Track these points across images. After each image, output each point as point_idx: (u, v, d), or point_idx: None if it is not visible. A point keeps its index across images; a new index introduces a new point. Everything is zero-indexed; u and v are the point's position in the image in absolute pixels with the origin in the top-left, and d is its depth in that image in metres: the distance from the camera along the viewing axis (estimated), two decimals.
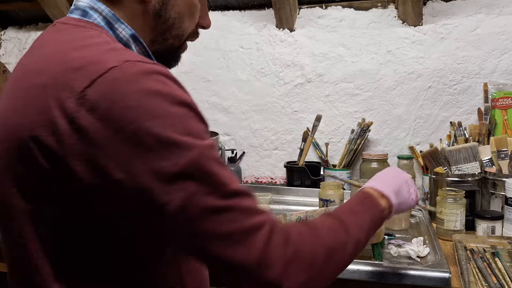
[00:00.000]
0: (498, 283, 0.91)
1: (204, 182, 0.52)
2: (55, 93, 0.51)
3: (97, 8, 0.62)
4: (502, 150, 1.36)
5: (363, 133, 1.67)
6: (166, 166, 0.50)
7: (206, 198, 0.51)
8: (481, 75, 1.62)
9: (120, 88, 0.50)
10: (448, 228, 1.20)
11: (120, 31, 0.63)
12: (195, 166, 0.51)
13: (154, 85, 0.51)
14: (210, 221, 0.51)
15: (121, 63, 0.52)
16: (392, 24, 1.70)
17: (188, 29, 0.71)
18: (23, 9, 2.01)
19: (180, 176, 0.50)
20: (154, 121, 0.50)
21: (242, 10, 1.86)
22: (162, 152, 0.50)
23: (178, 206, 0.50)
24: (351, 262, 0.65)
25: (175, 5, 0.67)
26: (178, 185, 0.50)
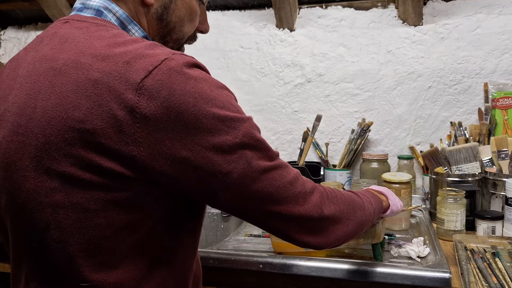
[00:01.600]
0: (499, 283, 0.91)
1: (256, 148, 0.61)
2: (109, 87, 0.54)
3: (111, 9, 0.65)
4: (503, 150, 1.36)
5: (363, 133, 1.67)
6: (227, 139, 0.58)
7: (261, 161, 0.61)
8: (482, 75, 1.62)
9: (176, 77, 0.55)
10: (449, 228, 1.20)
11: (133, 32, 0.67)
12: (248, 136, 0.61)
13: (200, 73, 0.58)
14: (267, 179, 0.62)
15: (169, 55, 0.57)
16: (392, 24, 1.70)
17: (188, 33, 0.75)
18: (23, 9, 2.01)
19: (239, 146, 0.59)
20: (209, 103, 0.57)
21: (242, 10, 1.86)
22: (222, 128, 0.58)
23: (241, 172, 0.59)
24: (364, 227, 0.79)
25: (176, 9, 0.70)
26: (238, 154, 0.59)
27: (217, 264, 1.04)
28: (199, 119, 0.56)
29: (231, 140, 0.58)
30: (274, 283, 1.04)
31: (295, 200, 0.65)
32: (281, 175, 0.64)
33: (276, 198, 0.63)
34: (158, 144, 0.54)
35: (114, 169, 0.54)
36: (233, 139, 0.58)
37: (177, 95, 0.54)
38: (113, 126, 0.53)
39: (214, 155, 0.57)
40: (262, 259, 1.02)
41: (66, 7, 1.92)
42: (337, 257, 1.05)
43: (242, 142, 0.59)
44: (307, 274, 0.99)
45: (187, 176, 0.57)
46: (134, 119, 0.53)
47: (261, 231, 1.27)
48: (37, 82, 0.58)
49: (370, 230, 1.01)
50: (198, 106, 0.55)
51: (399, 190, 1.35)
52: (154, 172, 0.56)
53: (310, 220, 0.67)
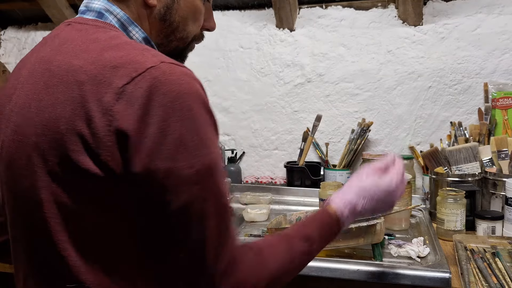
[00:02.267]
0: (498, 283, 0.91)
1: (208, 189, 0.56)
2: (93, 89, 0.55)
3: (112, 11, 0.66)
4: (503, 150, 1.36)
5: (363, 133, 1.67)
6: (182, 167, 0.54)
7: (206, 205, 0.56)
8: (482, 75, 1.62)
9: (157, 87, 0.54)
10: (448, 228, 1.20)
11: (133, 34, 0.67)
12: (206, 172, 0.56)
13: (186, 87, 0.56)
14: (202, 226, 0.56)
15: (157, 63, 0.56)
16: (393, 24, 1.70)
17: (193, 32, 0.75)
18: (23, 9, 2.01)
19: (191, 178, 0.54)
20: (182, 122, 0.54)
21: (242, 10, 1.85)
22: (183, 153, 0.54)
23: (180, 207, 0.54)
24: (292, 277, 0.69)
25: (179, 9, 0.70)
26: (186, 186, 0.54)
27: None
28: (166, 136, 0.53)
29: (184, 168, 0.54)
30: None
31: (209, 273, 0.57)
32: (220, 231, 0.57)
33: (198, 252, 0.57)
34: (130, 151, 0.54)
35: (94, 171, 0.55)
36: (187, 168, 0.54)
37: (155, 106, 0.53)
38: (90, 128, 0.54)
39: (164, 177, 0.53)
40: None
41: (66, 6, 1.92)
42: (337, 257, 1.05)
43: (195, 176, 0.55)
44: (307, 274, 0.99)
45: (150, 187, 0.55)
46: (107, 121, 0.53)
47: (261, 231, 1.27)
48: (34, 83, 0.60)
49: (370, 230, 1.01)
50: (169, 122, 0.53)
51: None
52: (127, 177, 0.55)
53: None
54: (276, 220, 1.17)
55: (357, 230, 1.01)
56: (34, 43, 2.05)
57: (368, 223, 1.00)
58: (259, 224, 1.37)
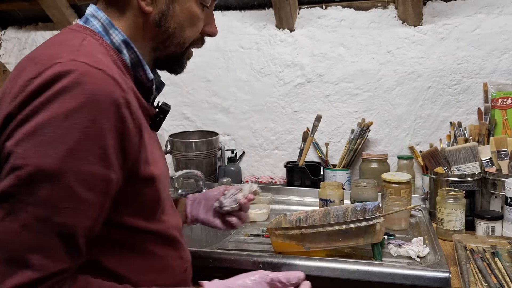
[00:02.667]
0: (498, 283, 0.91)
1: (29, 197, 0.55)
2: (13, 83, 0.59)
3: (97, 15, 0.69)
4: (502, 150, 1.36)
5: (363, 133, 1.67)
6: (21, 154, 0.55)
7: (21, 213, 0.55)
8: (481, 75, 1.62)
9: (53, 82, 0.56)
10: (448, 228, 1.20)
11: (113, 37, 0.69)
12: (40, 177, 0.54)
13: (82, 91, 0.56)
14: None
15: (65, 60, 0.57)
16: (392, 24, 1.70)
17: (190, 37, 0.76)
18: (23, 9, 2.01)
19: (22, 173, 0.54)
20: (50, 118, 0.55)
21: (242, 10, 1.86)
22: (36, 145, 0.55)
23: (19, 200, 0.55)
24: None
25: (174, 15, 0.72)
26: (13, 176, 0.55)
27: (217, 264, 1.04)
28: (29, 124, 0.55)
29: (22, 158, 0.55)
30: None
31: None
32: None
33: None
34: (10, 138, 0.56)
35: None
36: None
37: (39, 101, 0.55)
38: (8, 121, 0.57)
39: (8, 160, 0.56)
40: (262, 259, 1.03)
41: (66, 7, 1.92)
42: (337, 257, 1.06)
43: (34, 171, 0.54)
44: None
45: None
46: (17, 115, 0.56)
47: (261, 231, 1.27)
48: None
49: (370, 230, 1.01)
50: (39, 114, 0.55)
51: (399, 190, 1.35)
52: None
53: None
54: (276, 220, 1.17)
55: (357, 230, 1.01)
56: (34, 43, 2.05)
57: (368, 223, 1.01)
58: (259, 224, 1.37)
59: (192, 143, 1.75)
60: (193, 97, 1.92)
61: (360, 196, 1.34)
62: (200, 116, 1.92)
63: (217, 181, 1.73)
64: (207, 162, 1.77)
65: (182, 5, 0.72)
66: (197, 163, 1.74)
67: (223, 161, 1.84)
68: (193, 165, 1.73)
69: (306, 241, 1.05)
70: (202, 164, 1.76)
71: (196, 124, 1.93)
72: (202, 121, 1.92)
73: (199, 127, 1.92)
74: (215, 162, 1.81)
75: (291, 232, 1.04)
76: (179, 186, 1.63)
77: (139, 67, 0.71)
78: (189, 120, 1.94)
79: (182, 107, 1.93)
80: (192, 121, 1.93)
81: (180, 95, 1.92)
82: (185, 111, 1.93)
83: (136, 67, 0.71)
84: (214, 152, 1.80)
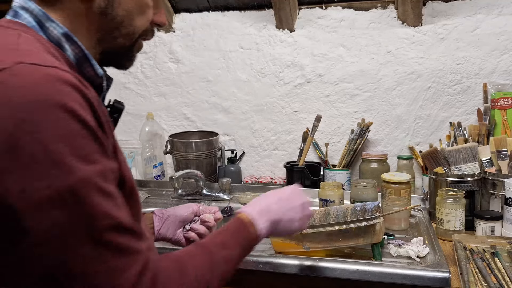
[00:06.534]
0: (498, 283, 0.91)
1: (76, 214, 0.47)
2: None
3: (27, 7, 0.60)
4: (502, 151, 1.37)
5: (363, 133, 1.68)
6: (37, 187, 0.45)
7: (74, 233, 0.47)
8: (481, 76, 1.62)
9: (3, 93, 0.47)
10: (448, 228, 1.20)
11: (51, 30, 0.60)
12: (71, 193, 0.47)
13: (43, 92, 0.48)
14: (74, 258, 0.48)
15: (12, 65, 0.49)
16: (392, 24, 1.70)
17: (140, 27, 0.68)
18: None
19: (50, 201, 0.46)
20: (36, 134, 0.46)
21: (242, 11, 1.86)
22: (38, 170, 0.46)
23: (41, 236, 0.46)
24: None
25: (122, 2, 0.64)
26: (46, 211, 0.46)
27: None
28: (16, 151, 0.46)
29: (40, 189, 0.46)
30: (274, 283, 1.04)
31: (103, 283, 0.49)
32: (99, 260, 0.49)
33: (81, 283, 0.49)
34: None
35: None
36: (43, 189, 0.46)
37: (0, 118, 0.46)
38: None
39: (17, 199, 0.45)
40: (262, 259, 1.03)
41: None
42: (337, 257, 1.06)
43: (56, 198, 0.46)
44: (307, 274, 0.99)
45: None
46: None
47: None
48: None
49: (370, 230, 1.01)
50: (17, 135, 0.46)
51: (399, 190, 1.35)
52: None
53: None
54: None
55: (357, 230, 1.01)
56: None
57: (368, 223, 1.01)
58: None
59: (192, 143, 1.75)
60: (193, 97, 1.92)
61: (360, 196, 1.34)
62: (200, 116, 1.93)
63: (217, 181, 1.73)
64: (207, 162, 1.77)
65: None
66: (197, 163, 1.74)
67: (223, 161, 1.84)
68: (193, 165, 1.73)
69: (306, 241, 1.05)
70: (202, 164, 1.76)
71: (196, 124, 1.93)
72: (202, 121, 1.93)
73: (199, 127, 1.93)
74: (215, 162, 1.82)
75: None
76: (179, 186, 1.64)
77: (85, 63, 0.62)
78: (189, 120, 1.94)
79: (182, 107, 1.93)
80: (192, 121, 1.94)
81: (180, 95, 1.93)
82: (185, 111, 1.94)
83: (82, 63, 0.61)
84: (214, 152, 1.80)
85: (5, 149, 0.45)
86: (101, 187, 0.49)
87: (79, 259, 0.48)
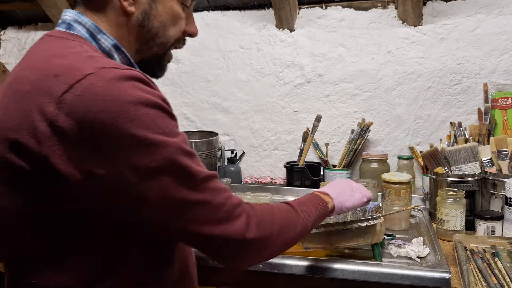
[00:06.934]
0: (498, 284, 0.91)
1: (177, 175, 0.59)
2: (35, 99, 0.57)
3: (80, 21, 0.68)
4: (502, 150, 1.36)
5: (363, 133, 1.67)
6: (144, 162, 0.56)
7: (181, 190, 0.59)
8: (481, 75, 1.62)
9: (96, 93, 0.55)
10: (448, 228, 1.20)
11: (102, 42, 0.68)
12: (169, 161, 0.58)
13: (127, 89, 0.56)
14: (187, 206, 0.60)
15: (97, 69, 0.57)
16: (392, 24, 1.70)
17: (173, 36, 0.76)
18: (23, 9, 2.00)
19: (157, 170, 0.57)
20: (129, 123, 0.55)
21: (242, 10, 1.86)
22: (140, 150, 0.56)
23: (156, 197, 0.58)
24: (297, 240, 0.78)
25: (157, 15, 0.72)
26: (155, 178, 0.57)
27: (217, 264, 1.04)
28: (116, 139, 0.55)
29: (148, 163, 0.57)
30: (274, 283, 1.04)
31: (215, 225, 0.63)
32: (204, 202, 0.62)
33: (194, 223, 0.62)
34: (75, 158, 0.55)
35: (42, 178, 0.57)
36: (150, 163, 0.57)
37: (94, 112, 0.54)
38: (35, 137, 0.56)
39: (129, 176, 0.56)
40: None
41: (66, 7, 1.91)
42: (337, 257, 1.05)
43: (160, 167, 0.57)
44: (307, 274, 0.99)
45: (102, 192, 0.57)
46: (53, 132, 0.55)
47: None
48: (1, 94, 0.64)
49: (370, 230, 1.01)
50: (115, 125, 0.55)
51: (399, 190, 1.35)
52: (75, 184, 0.56)
53: (228, 244, 0.65)
54: None
55: (357, 230, 1.01)
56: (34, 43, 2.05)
57: (368, 223, 1.01)
58: None
59: (192, 143, 1.75)
60: (193, 97, 1.92)
61: None
62: (200, 116, 1.92)
63: None
64: (207, 162, 1.77)
65: (164, 4, 0.72)
66: None
67: (223, 161, 1.84)
68: None
69: (306, 241, 1.05)
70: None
71: (196, 124, 1.93)
72: (202, 121, 1.92)
73: (199, 127, 1.92)
74: (215, 163, 1.81)
75: None
76: None
77: None
78: (189, 120, 1.94)
79: (182, 107, 1.93)
80: (192, 121, 1.93)
81: (180, 95, 1.92)
82: (185, 111, 1.93)
83: None
84: (214, 153, 1.80)
85: (111, 138, 0.55)
86: (187, 151, 0.61)
87: (189, 207, 0.60)
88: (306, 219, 0.79)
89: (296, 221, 0.76)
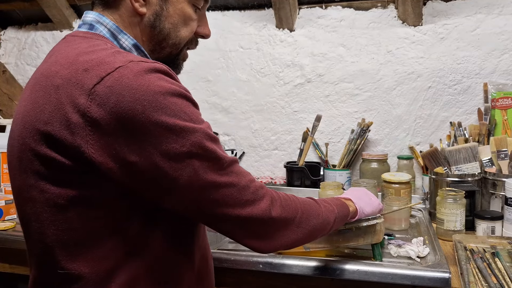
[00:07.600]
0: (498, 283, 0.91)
1: (205, 159, 0.63)
2: (67, 92, 0.59)
3: (102, 21, 0.71)
4: (502, 150, 1.36)
5: (363, 133, 1.67)
6: (175, 148, 0.60)
7: (209, 173, 0.63)
8: (481, 75, 1.62)
9: (126, 84, 0.58)
10: (448, 228, 1.20)
11: (123, 41, 0.71)
12: (197, 146, 0.62)
13: (155, 80, 0.60)
14: (215, 189, 0.64)
15: (126, 63, 0.60)
16: (392, 24, 1.70)
17: (185, 37, 0.78)
18: (23, 9, 2.01)
19: (186, 155, 0.61)
20: (159, 111, 0.58)
21: (242, 10, 1.86)
22: (171, 136, 0.59)
23: (187, 180, 0.61)
24: (320, 233, 0.80)
25: (168, 16, 0.74)
26: (185, 162, 0.61)
27: (217, 264, 1.04)
28: (147, 127, 0.58)
29: (178, 148, 0.60)
30: (274, 283, 1.04)
31: (243, 206, 0.66)
32: (231, 184, 0.65)
33: (223, 205, 0.65)
34: (108, 147, 0.58)
35: (74, 168, 0.60)
36: (180, 148, 0.60)
37: (125, 102, 0.57)
38: (68, 128, 0.58)
39: (161, 161, 0.59)
40: (262, 259, 1.03)
41: (66, 7, 1.92)
42: (337, 257, 1.05)
43: (190, 152, 0.61)
44: (307, 274, 0.99)
45: (135, 178, 0.61)
46: (86, 122, 0.58)
47: None
48: (26, 91, 0.67)
49: (370, 230, 1.01)
50: (146, 113, 0.58)
51: (399, 190, 1.35)
52: (107, 172, 0.60)
53: (256, 223, 0.68)
54: None
55: (357, 230, 1.01)
56: (34, 43, 2.05)
57: (368, 223, 1.01)
58: None
59: None
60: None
61: None
62: None
63: None
64: None
65: (175, 6, 0.74)
66: None
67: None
68: None
69: None
70: None
71: None
72: None
73: None
74: None
75: None
76: None
77: None
78: None
79: None
80: None
81: None
82: None
83: None
84: None
85: (142, 126, 0.58)
86: (212, 137, 0.65)
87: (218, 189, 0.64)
88: (328, 214, 0.81)
89: (319, 211, 0.79)
